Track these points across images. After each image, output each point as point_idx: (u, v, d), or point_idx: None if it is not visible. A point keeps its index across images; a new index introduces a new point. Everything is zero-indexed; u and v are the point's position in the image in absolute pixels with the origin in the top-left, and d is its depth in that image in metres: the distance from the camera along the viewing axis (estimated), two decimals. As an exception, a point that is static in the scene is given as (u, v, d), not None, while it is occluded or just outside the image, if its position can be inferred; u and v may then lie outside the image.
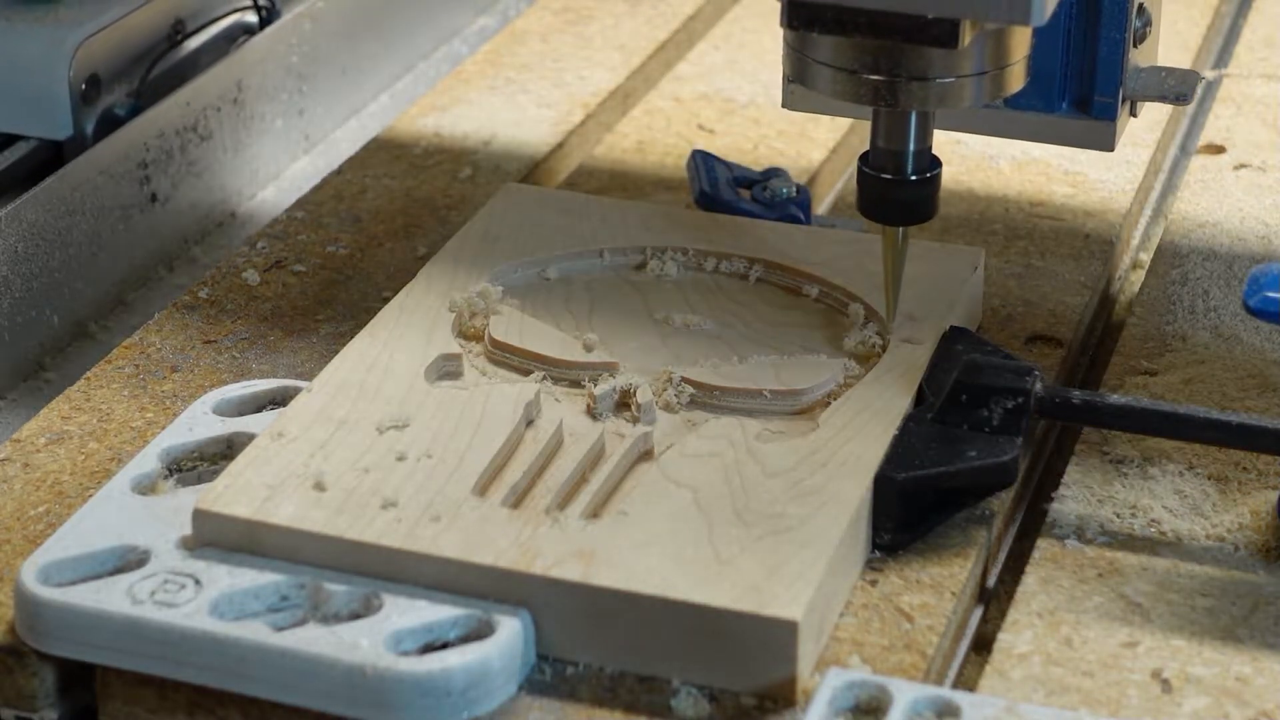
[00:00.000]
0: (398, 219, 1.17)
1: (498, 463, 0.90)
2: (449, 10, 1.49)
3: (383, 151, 1.24)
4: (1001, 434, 0.91)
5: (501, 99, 1.30)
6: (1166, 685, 0.82)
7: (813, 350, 0.98)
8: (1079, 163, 1.22)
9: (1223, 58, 1.39)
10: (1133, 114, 1.03)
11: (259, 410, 0.97)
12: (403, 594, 0.84)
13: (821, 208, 1.20)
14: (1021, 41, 0.93)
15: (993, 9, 0.85)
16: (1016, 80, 0.93)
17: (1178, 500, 0.92)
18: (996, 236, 1.14)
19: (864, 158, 0.96)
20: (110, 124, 1.19)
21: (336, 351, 1.01)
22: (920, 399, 0.94)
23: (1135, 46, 1.00)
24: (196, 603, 0.83)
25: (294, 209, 1.18)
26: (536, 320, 1.00)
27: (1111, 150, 1.02)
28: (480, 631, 0.82)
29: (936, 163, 0.96)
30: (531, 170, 1.22)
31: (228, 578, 0.85)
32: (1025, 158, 1.22)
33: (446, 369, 0.97)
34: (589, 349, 0.98)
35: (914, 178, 0.95)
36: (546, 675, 0.83)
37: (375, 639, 0.81)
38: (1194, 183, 1.20)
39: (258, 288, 1.10)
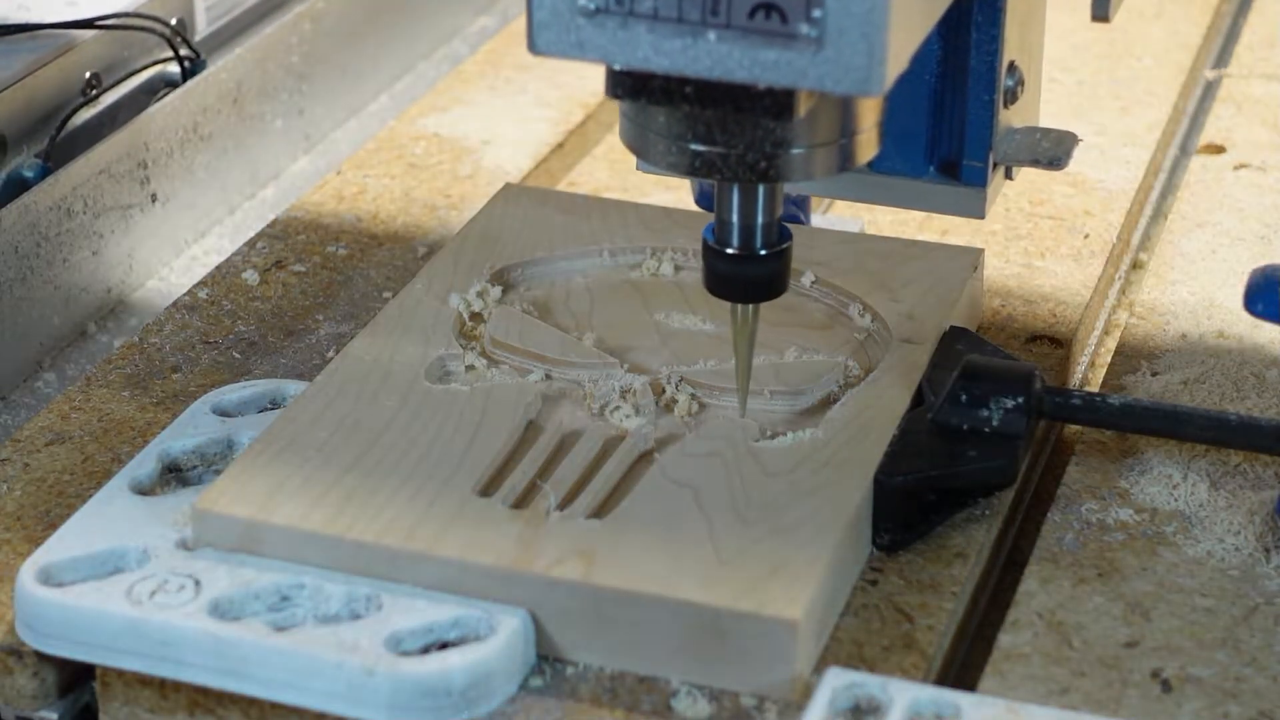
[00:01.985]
0: (398, 219, 1.17)
1: (498, 463, 0.90)
2: (449, 10, 1.49)
3: (383, 151, 1.24)
4: (1001, 434, 0.91)
5: (501, 99, 1.30)
6: (1166, 685, 0.82)
7: (813, 350, 0.98)
8: (1079, 162, 1.22)
9: (1223, 58, 1.39)
10: (1008, 177, 0.98)
11: (259, 410, 0.97)
12: (403, 594, 0.84)
13: (821, 207, 1.20)
14: (871, 108, 0.87)
15: (828, 79, 0.78)
16: (867, 149, 0.87)
17: (1177, 500, 0.92)
18: (996, 236, 1.14)
19: (709, 231, 0.90)
20: (18, 187, 1.13)
21: (336, 351, 1.01)
22: (920, 399, 0.94)
23: (1007, 107, 0.95)
24: (196, 603, 0.83)
25: (294, 209, 1.18)
26: (536, 320, 1.00)
27: (982, 218, 0.97)
28: (480, 631, 0.82)
29: (787, 234, 0.90)
30: (531, 170, 1.22)
31: (228, 578, 0.85)
32: (1025, 158, 1.22)
33: (446, 369, 0.97)
34: (588, 349, 0.98)
35: (764, 253, 0.89)
36: (546, 675, 0.83)
37: (375, 639, 0.81)
38: (1194, 183, 1.20)
39: (258, 288, 1.10)
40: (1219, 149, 1.23)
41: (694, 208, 1.12)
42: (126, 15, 1.22)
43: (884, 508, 0.89)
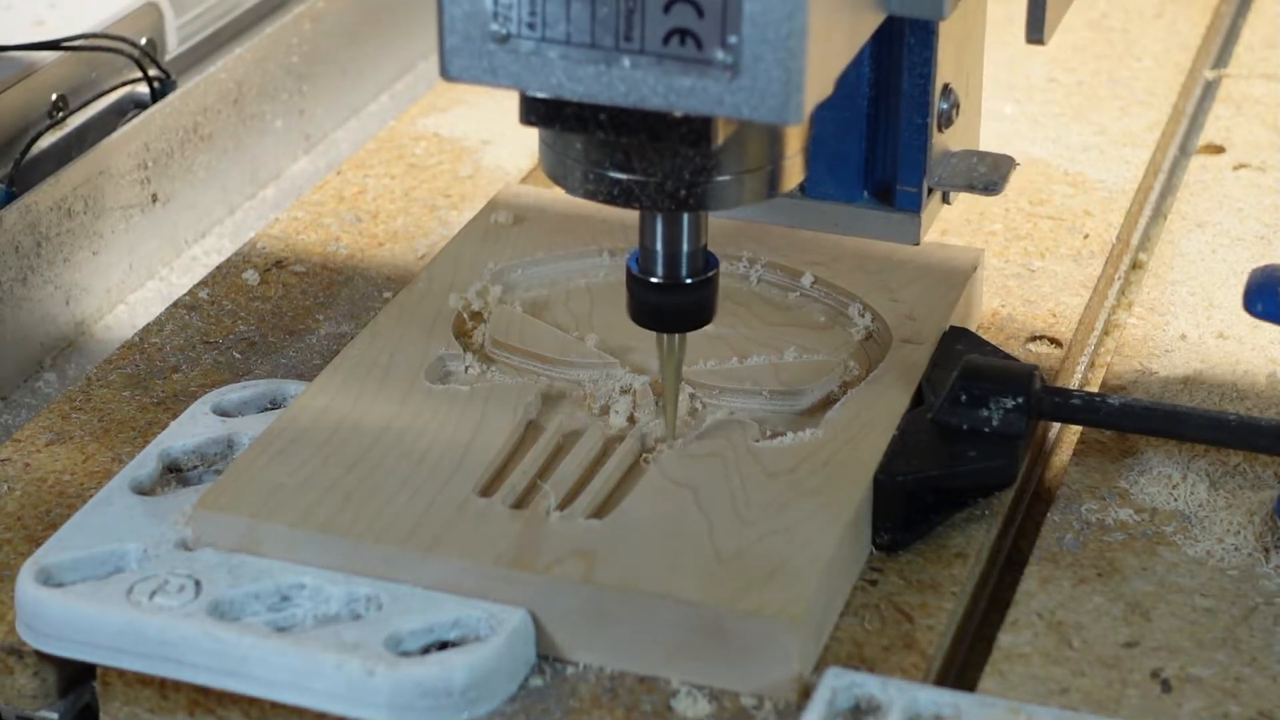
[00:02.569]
0: (398, 219, 1.17)
1: (498, 463, 0.90)
2: (449, 10, 1.48)
3: (383, 151, 1.24)
4: (1001, 434, 0.91)
5: (502, 99, 1.30)
6: (1166, 685, 0.82)
7: (813, 350, 0.98)
8: (1079, 163, 1.22)
9: (1222, 58, 1.39)
10: (946, 201, 0.96)
11: (259, 410, 0.97)
12: (403, 594, 0.84)
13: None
14: (796, 134, 0.85)
15: (745, 106, 0.76)
16: (793, 176, 0.86)
17: (1177, 500, 0.92)
18: (996, 236, 1.14)
19: (633, 259, 0.88)
20: None
21: (336, 351, 1.01)
22: (920, 399, 0.94)
23: (941, 130, 0.93)
24: (197, 603, 0.83)
25: (294, 209, 1.18)
26: (536, 320, 1.00)
27: (916, 244, 0.95)
28: (480, 631, 0.82)
29: (713, 261, 0.88)
30: (531, 170, 1.22)
31: (228, 578, 0.85)
32: (1025, 158, 1.22)
33: (447, 369, 0.97)
34: (589, 349, 0.98)
35: (690, 281, 0.87)
36: (546, 675, 0.83)
37: (375, 639, 0.81)
38: (1193, 183, 1.20)
39: (258, 288, 1.10)
40: (1218, 149, 1.23)
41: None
42: (94, 36, 1.19)
43: (884, 508, 0.89)
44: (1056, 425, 1.01)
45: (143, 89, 1.22)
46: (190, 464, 0.93)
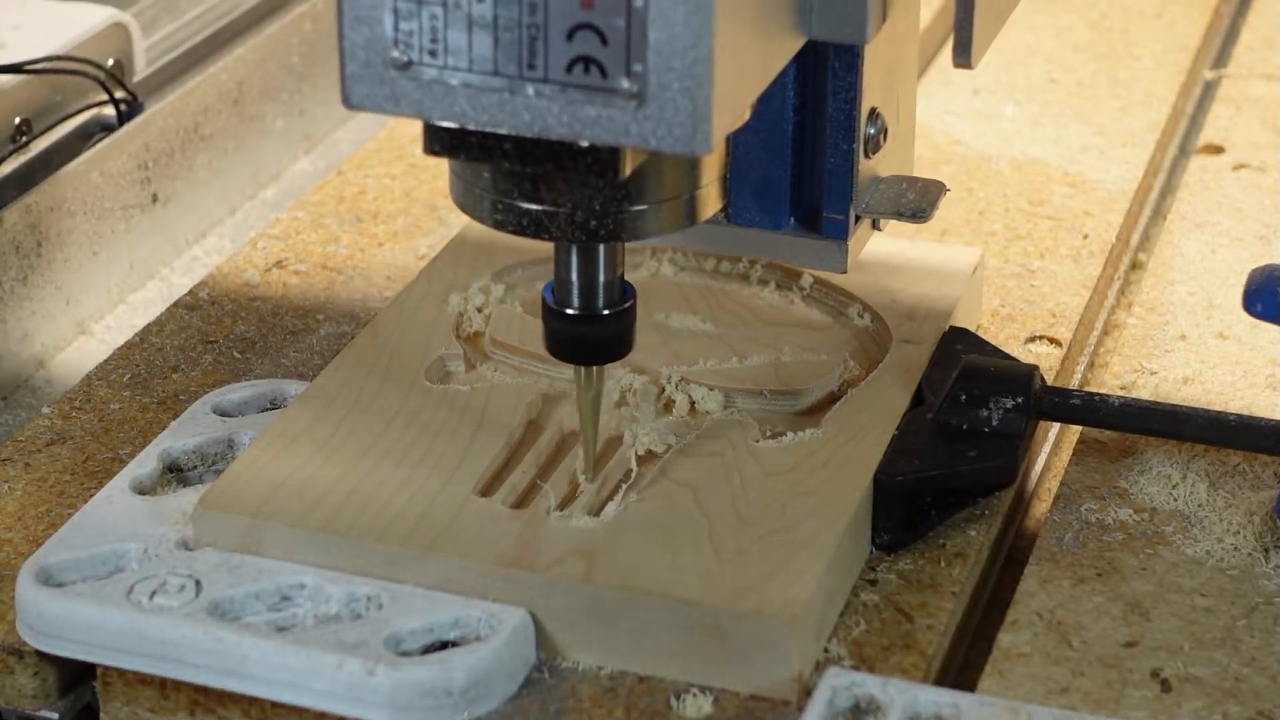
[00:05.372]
0: (398, 219, 1.17)
1: (498, 463, 0.90)
2: (449, 10, 1.48)
3: (383, 151, 1.24)
4: (1001, 434, 0.91)
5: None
6: (1166, 685, 0.82)
7: (813, 350, 0.98)
8: (1079, 163, 1.22)
9: (1222, 58, 1.39)
10: (876, 228, 0.93)
11: (259, 410, 0.97)
12: (403, 594, 0.84)
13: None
14: (712, 162, 0.83)
15: (652, 136, 0.74)
16: (709, 205, 0.84)
17: (1177, 500, 0.92)
18: (996, 236, 1.14)
19: (548, 289, 0.86)
20: None
21: (336, 351, 1.01)
22: (920, 399, 0.94)
23: (868, 156, 0.90)
24: (197, 603, 0.83)
25: (294, 209, 1.18)
26: (536, 320, 1.00)
27: (844, 273, 0.91)
28: (480, 631, 0.83)
29: (630, 291, 0.86)
30: (531, 170, 1.22)
31: (228, 578, 0.85)
32: (1024, 158, 1.22)
33: (447, 369, 0.97)
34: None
35: (607, 312, 0.85)
36: (546, 675, 0.83)
37: (375, 639, 0.82)
38: (1193, 183, 1.20)
39: (258, 288, 1.10)
40: (1218, 149, 1.24)
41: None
42: (58, 59, 1.17)
43: (884, 508, 0.89)
44: (1056, 425, 1.01)
45: (109, 111, 1.20)
46: (190, 464, 0.93)
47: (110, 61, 1.21)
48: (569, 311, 0.85)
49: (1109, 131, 1.25)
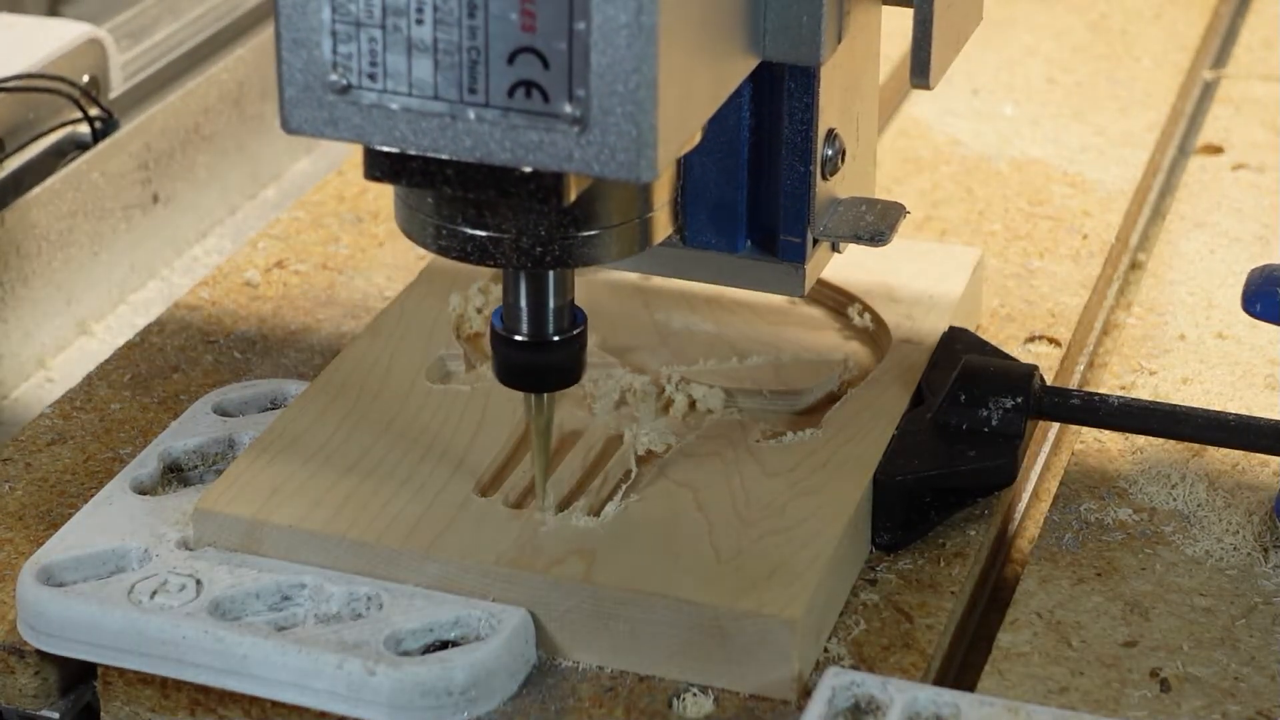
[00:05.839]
0: (398, 219, 1.17)
1: (498, 462, 0.90)
2: (449, 10, 1.48)
3: (383, 152, 1.24)
4: (1001, 434, 0.91)
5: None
6: (1165, 685, 0.82)
7: (813, 350, 0.98)
8: (1078, 163, 1.22)
9: (1221, 58, 1.39)
10: (835, 250, 0.91)
11: (259, 410, 0.97)
12: (403, 594, 0.84)
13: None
14: (662, 185, 0.82)
15: (595, 162, 0.72)
16: (660, 230, 0.82)
17: (1176, 500, 0.92)
18: (996, 236, 1.14)
19: (497, 315, 0.84)
20: None
21: (336, 351, 1.01)
22: (920, 399, 0.94)
23: (826, 178, 0.88)
24: (197, 602, 0.83)
25: (294, 209, 1.18)
26: (536, 320, 1.00)
27: (801, 296, 0.89)
28: (480, 631, 0.83)
29: (581, 316, 0.84)
30: (531, 170, 1.22)
31: (228, 578, 0.85)
32: (1024, 158, 1.22)
33: (447, 369, 0.97)
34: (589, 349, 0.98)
35: (557, 338, 0.84)
36: (546, 675, 0.83)
37: (375, 639, 0.82)
38: (1192, 183, 1.20)
39: (258, 288, 1.10)
40: (1217, 149, 1.24)
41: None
42: (31, 76, 1.15)
43: (884, 507, 0.89)
44: (1056, 425, 1.02)
45: (84, 129, 1.18)
46: (191, 464, 0.93)
47: (85, 78, 1.19)
48: (518, 338, 0.84)
49: (1108, 132, 1.25)
